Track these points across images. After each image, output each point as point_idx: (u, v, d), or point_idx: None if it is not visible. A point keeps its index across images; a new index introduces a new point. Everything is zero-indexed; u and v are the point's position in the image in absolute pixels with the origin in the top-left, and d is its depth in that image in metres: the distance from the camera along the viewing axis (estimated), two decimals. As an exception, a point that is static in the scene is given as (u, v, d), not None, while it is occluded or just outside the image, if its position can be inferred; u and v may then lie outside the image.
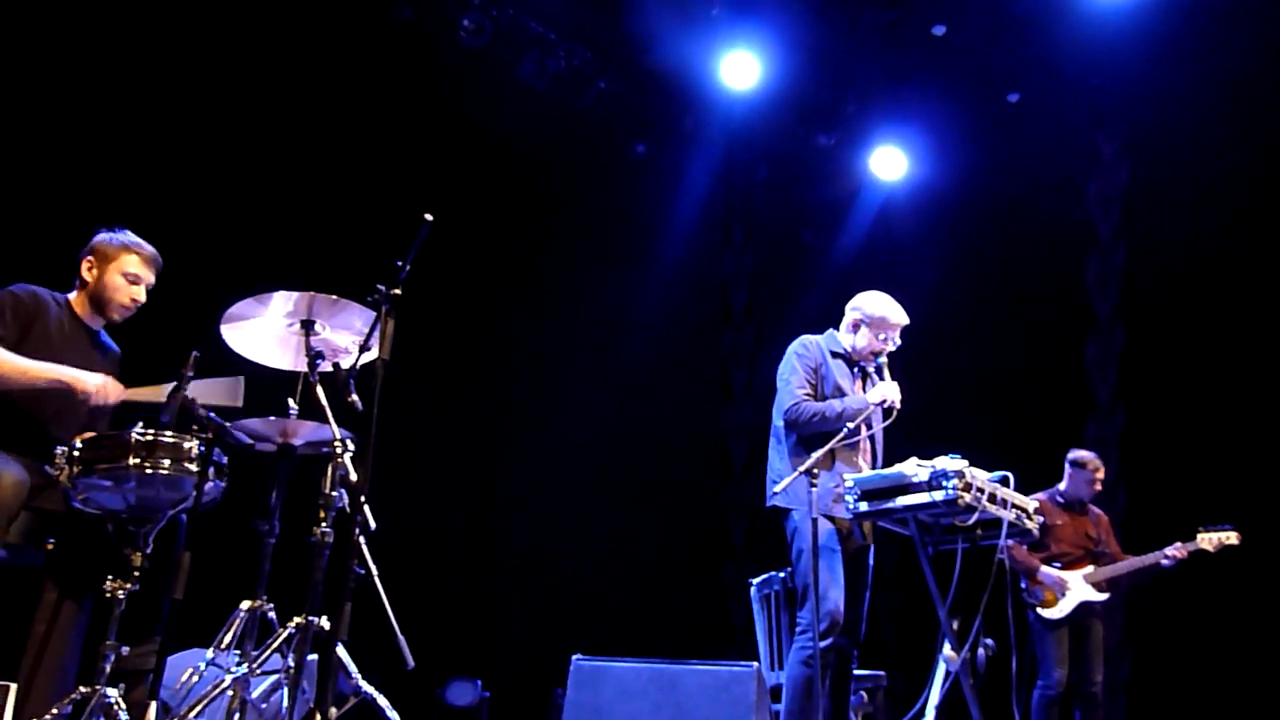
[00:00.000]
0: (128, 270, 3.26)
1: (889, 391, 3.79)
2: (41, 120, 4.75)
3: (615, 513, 6.99)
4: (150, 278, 3.32)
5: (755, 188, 8.10)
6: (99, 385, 3.05)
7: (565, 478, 6.83)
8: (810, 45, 6.91)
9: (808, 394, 3.88)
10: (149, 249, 3.32)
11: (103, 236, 3.30)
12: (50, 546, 3.06)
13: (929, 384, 4.36)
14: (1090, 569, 5.37)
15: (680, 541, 7.36)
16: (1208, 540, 5.23)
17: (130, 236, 3.32)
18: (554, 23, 6.58)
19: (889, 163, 7.54)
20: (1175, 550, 5.25)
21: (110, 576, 2.80)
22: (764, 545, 7.22)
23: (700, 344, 8.07)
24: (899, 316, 4.01)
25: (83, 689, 2.69)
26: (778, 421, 3.95)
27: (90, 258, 3.27)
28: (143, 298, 3.31)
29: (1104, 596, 5.34)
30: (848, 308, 4.09)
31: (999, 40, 6.74)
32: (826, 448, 3.62)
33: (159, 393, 3.01)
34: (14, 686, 2.65)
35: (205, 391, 2.93)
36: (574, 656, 3.49)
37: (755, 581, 4.64)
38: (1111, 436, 6.87)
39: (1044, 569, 5.33)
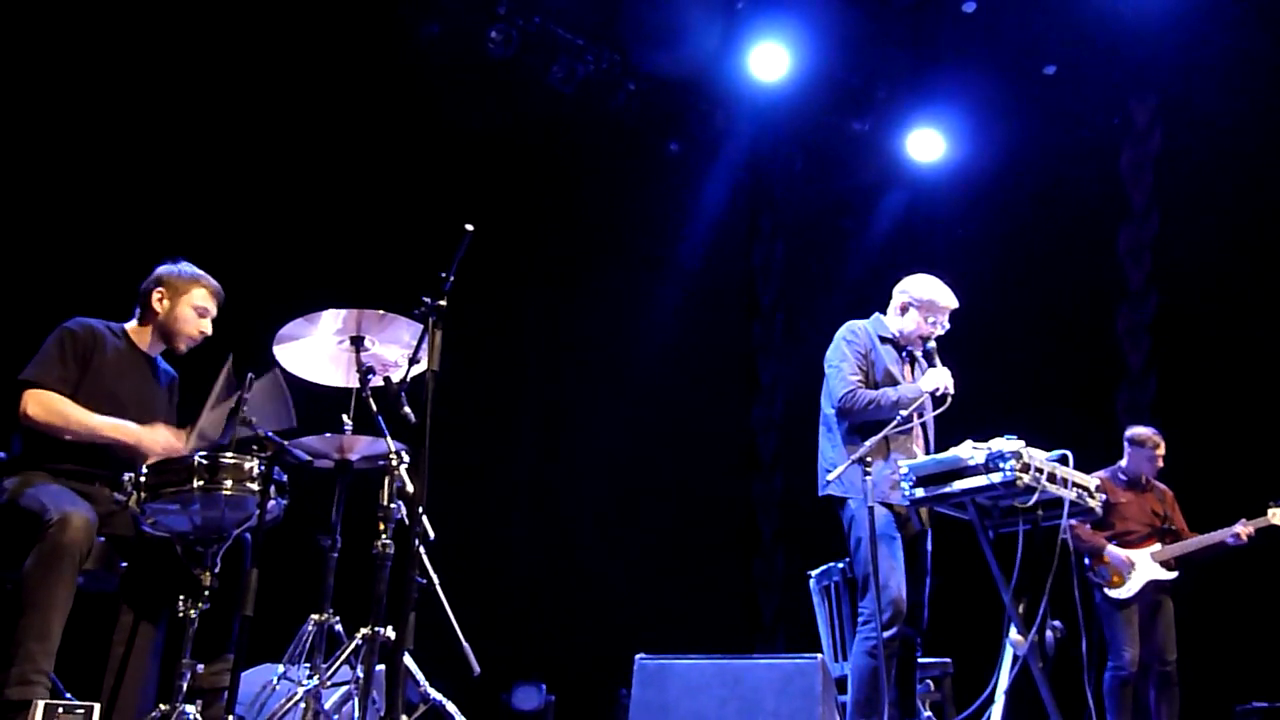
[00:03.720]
0: (197, 303, 3.35)
1: (942, 378, 3.74)
2: (88, 148, 4.87)
3: (656, 511, 7.01)
4: (215, 310, 3.41)
5: (790, 178, 8.05)
6: (164, 447, 3.11)
7: (610, 478, 6.87)
8: (838, 31, 6.85)
9: (860, 381, 3.84)
10: (214, 282, 3.42)
11: (169, 269, 3.38)
12: (123, 570, 3.15)
13: (974, 368, 4.31)
14: (1157, 547, 5.26)
15: (716, 536, 7.35)
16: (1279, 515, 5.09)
17: (195, 269, 3.41)
18: (580, 28, 6.60)
19: (925, 145, 7.45)
20: (1244, 527, 5.12)
21: (182, 597, 2.88)
22: (796, 537, 7.24)
23: (733, 337, 8.06)
24: (948, 300, 3.96)
25: (163, 707, 2.77)
26: (828, 410, 3.92)
27: (160, 289, 3.35)
28: (209, 330, 3.40)
29: (1173, 575, 5.23)
30: (895, 291, 4.05)
31: (1031, 13, 6.64)
32: (880, 435, 3.60)
33: (217, 417, 3.08)
34: (97, 707, 2.73)
35: (257, 403, 2.98)
36: (638, 656, 3.49)
37: (814, 573, 4.61)
38: (1144, 407, 6.76)
39: (1110, 548, 5.23)
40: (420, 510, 2.68)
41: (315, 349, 3.21)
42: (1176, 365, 6.78)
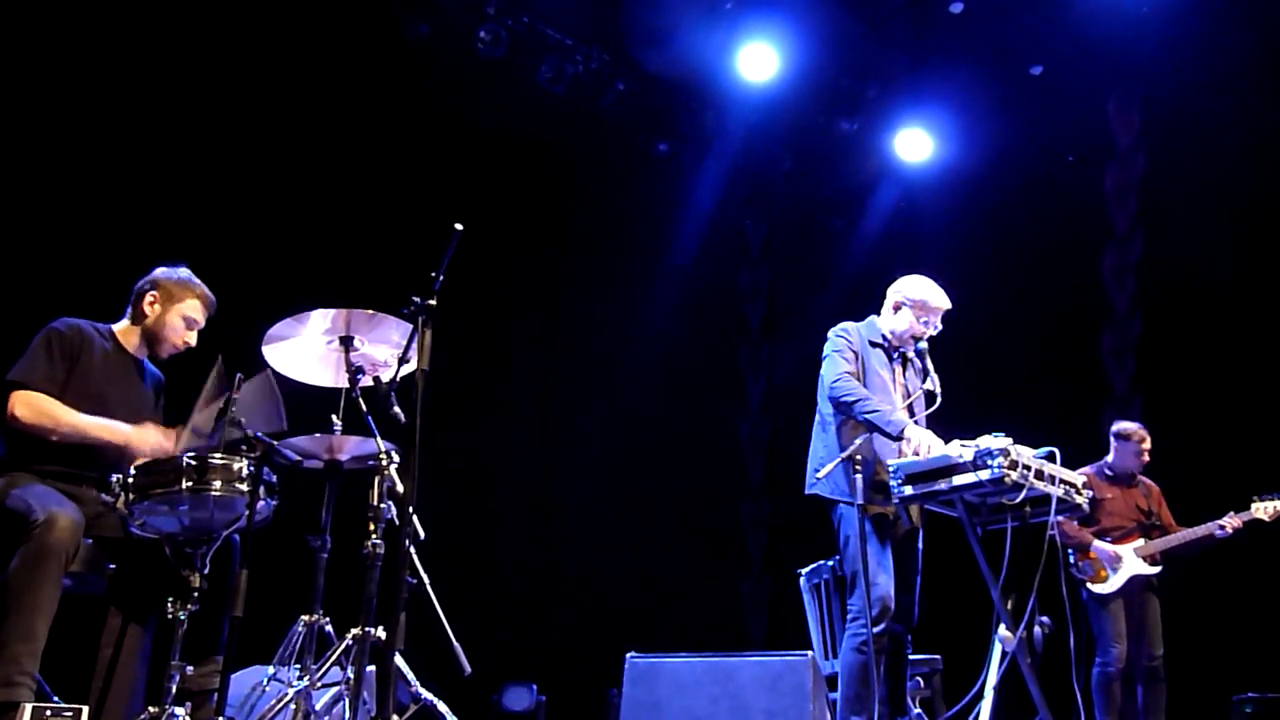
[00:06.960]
0: (187, 314, 3.34)
1: (927, 444, 3.66)
2: (80, 149, 4.85)
3: (646, 509, 7.03)
4: (203, 322, 3.40)
5: (779, 178, 8.07)
6: (154, 446, 3.10)
7: (601, 476, 6.87)
8: (827, 32, 6.86)
9: (851, 373, 3.88)
10: (209, 293, 3.40)
11: (166, 272, 3.36)
12: (111, 572, 3.14)
13: (963, 365, 4.33)
14: (1141, 542, 5.29)
15: (706, 534, 7.37)
16: (1263, 509, 5.12)
17: (192, 277, 3.39)
18: (570, 28, 6.60)
19: (914, 145, 7.48)
20: (1230, 520, 5.15)
21: (170, 598, 2.86)
22: (787, 535, 7.26)
23: (724, 334, 8.07)
24: (940, 300, 3.99)
25: (151, 709, 2.74)
26: (824, 408, 3.94)
27: (155, 292, 3.33)
28: (193, 342, 3.38)
29: (1156, 569, 5.26)
30: (889, 291, 4.07)
31: (1018, 14, 6.66)
32: (870, 435, 3.61)
33: (207, 416, 3.07)
34: (85, 710, 2.71)
35: (247, 404, 2.97)
36: (628, 654, 3.50)
37: (804, 571, 4.63)
38: (1130, 406, 6.82)
39: (1097, 543, 5.27)
40: (410, 510, 2.67)
41: (304, 349, 3.20)
42: (1164, 369, 6.81)
